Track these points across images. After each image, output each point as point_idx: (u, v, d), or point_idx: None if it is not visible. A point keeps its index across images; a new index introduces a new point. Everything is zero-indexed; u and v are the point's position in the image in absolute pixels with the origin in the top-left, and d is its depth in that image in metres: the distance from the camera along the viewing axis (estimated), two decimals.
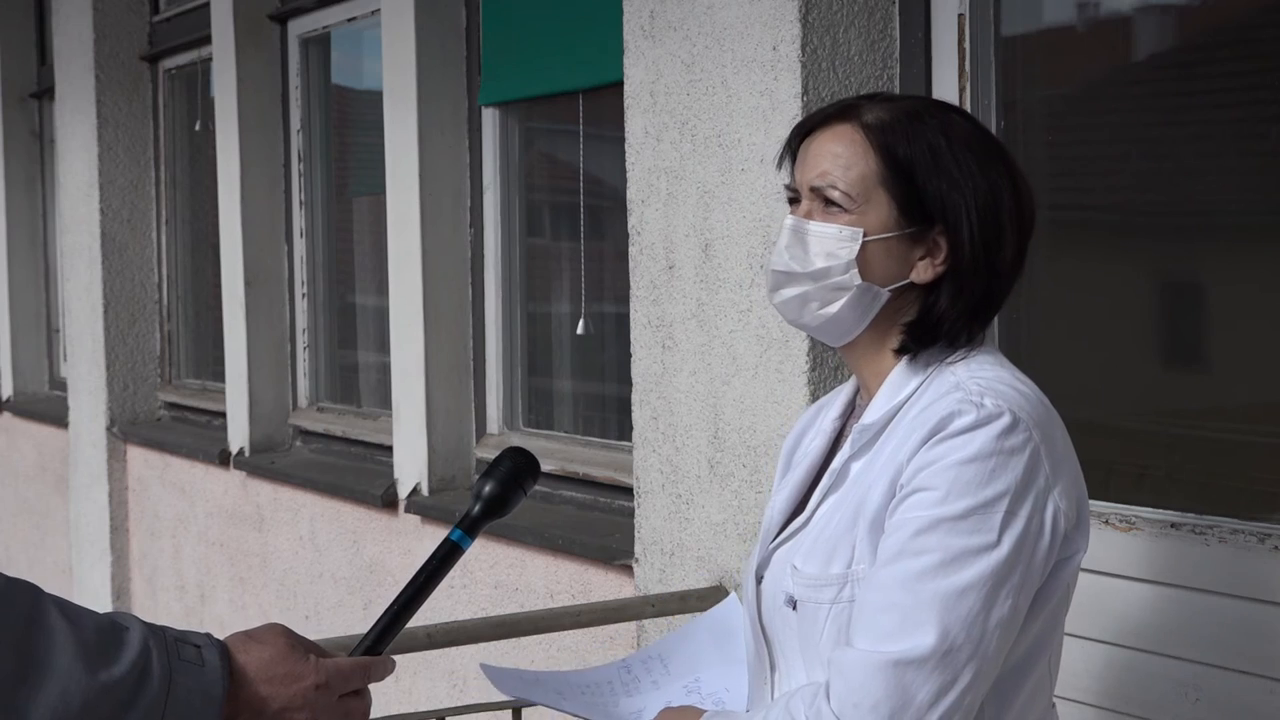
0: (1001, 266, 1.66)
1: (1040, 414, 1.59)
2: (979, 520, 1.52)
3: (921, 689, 1.49)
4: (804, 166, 1.70)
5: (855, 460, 1.67)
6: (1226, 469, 2.46)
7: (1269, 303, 2.38)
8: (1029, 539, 1.53)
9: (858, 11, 2.74)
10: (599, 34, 3.65)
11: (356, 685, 1.52)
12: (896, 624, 1.51)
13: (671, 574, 3.02)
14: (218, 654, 1.42)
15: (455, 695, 4.06)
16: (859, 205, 1.65)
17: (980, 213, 1.64)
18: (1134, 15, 2.63)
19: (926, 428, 1.56)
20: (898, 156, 1.64)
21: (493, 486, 1.63)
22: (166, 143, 6.22)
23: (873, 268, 1.65)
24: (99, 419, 6.20)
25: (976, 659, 1.50)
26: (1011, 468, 1.53)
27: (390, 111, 4.36)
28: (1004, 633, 1.52)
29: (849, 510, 1.63)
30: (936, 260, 1.65)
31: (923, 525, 1.53)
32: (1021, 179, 1.69)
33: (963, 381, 1.60)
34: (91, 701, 1.32)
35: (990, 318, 1.70)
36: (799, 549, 1.69)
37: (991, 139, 1.71)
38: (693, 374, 2.94)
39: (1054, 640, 1.66)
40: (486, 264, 4.31)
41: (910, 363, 1.68)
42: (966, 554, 1.51)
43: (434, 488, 4.28)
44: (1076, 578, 1.65)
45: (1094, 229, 2.71)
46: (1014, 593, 1.52)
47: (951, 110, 1.72)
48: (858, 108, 1.69)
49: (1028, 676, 1.62)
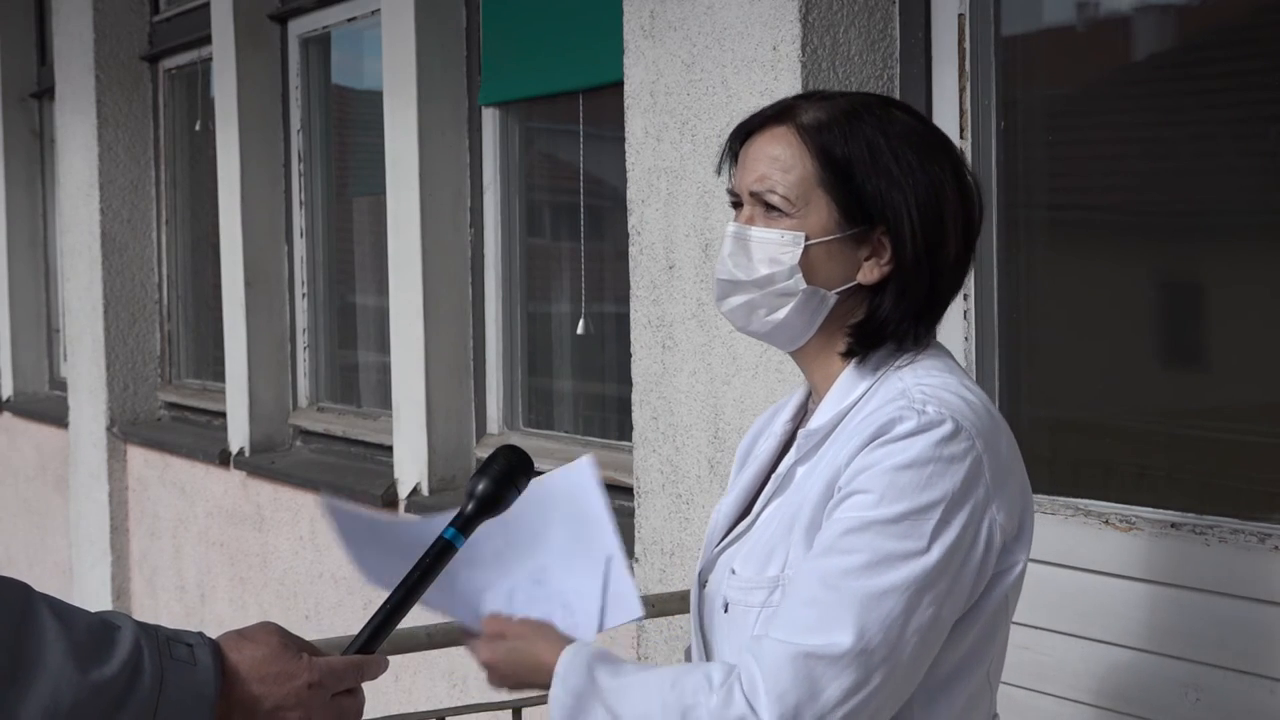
0: (945, 264, 1.64)
1: (985, 423, 1.57)
2: (910, 525, 1.50)
3: (830, 685, 1.48)
4: (743, 171, 1.68)
5: (800, 464, 1.66)
6: (1226, 469, 2.45)
7: (1269, 303, 2.37)
8: (960, 549, 1.52)
9: (858, 11, 2.74)
10: (599, 34, 3.65)
11: (350, 684, 1.51)
12: (815, 619, 1.49)
13: (671, 574, 3.02)
14: (210, 653, 1.42)
15: (455, 695, 4.06)
16: (799, 209, 1.63)
17: (921, 210, 1.61)
18: (1134, 15, 2.63)
19: (868, 432, 1.55)
20: (835, 157, 1.62)
21: (486, 485, 1.62)
22: (166, 143, 6.22)
23: (817, 271, 1.63)
24: (99, 419, 6.20)
25: (890, 663, 1.49)
26: (949, 475, 1.51)
27: (390, 111, 4.36)
28: (923, 640, 1.50)
29: (788, 514, 1.62)
30: (881, 260, 1.63)
31: (854, 525, 1.51)
32: (966, 174, 1.67)
33: (908, 388, 1.58)
34: (83, 701, 1.32)
35: (938, 316, 1.68)
36: (740, 553, 1.68)
37: (935, 134, 1.69)
38: (693, 374, 2.94)
39: (992, 651, 1.63)
40: (486, 264, 4.31)
41: (858, 366, 1.66)
42: (893, 557, 1.49)
43: (434, 488, 4.27)
44: (1019, 591, 1.63)
45: (1094, 229, 2.71)
46: (938, 601, 1.50)
47: (893, 106, 1.70)
48: (795, 108, 1.67)
49: (961, 688, 1.59)
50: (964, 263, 1.67)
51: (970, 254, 1.68)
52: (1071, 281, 2.69)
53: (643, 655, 3.11)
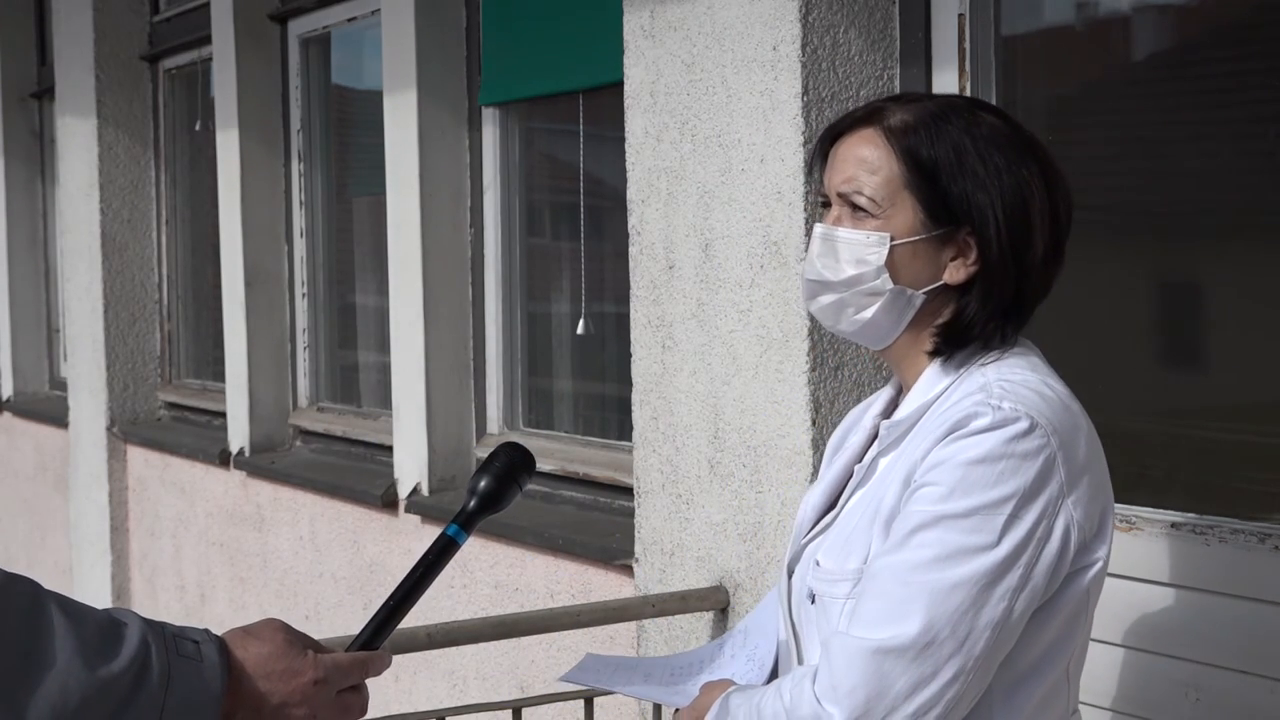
0: (1032, 265, 1.66)
1: (1063, 420, 1.58)
2: (981, 520, 1.52)
3: (899, 679, 1.50)
4: (832, 172, 1.71)
5: (883, 456, 1.69)
6: (1226, 469, 2.46)
7: (1269, 303, 2.38)
8: (1032, 544, 1.53)
9: (858, 11, 2.74)
10: (599, 34, 3.65)
11: (354, 680, 1.52)
12: (884, 612, 1.52)
13: (671, 574, 3.02)
14: (216, 650, 1.42)
15: (455, 695, 4.06)
16: (885, 210, 1.65)
17: (1007, 212, 1.63)
18: (1134, 15, 2.63)
19: (945, 426, 1.57)
20: (921, 159, 1.64)
21: (488, 482, 1.63)
22: (166, 143, 6.22)
23: (904, 271, 1.66)
24: (99, 419, 6.20)
25: (960, 656, 1.50)
26: (1022, 472, 1.53)
27: (390, 111, 4.36)
28: (995, 634, 1.52)
29: (870, 506, 1.64)
30: (968, 261, 1.65)
31: (924, 520, 1.53)
32: (1056, 175, 1.69)
33: (989, 383, 1.60)
34: (90, 697, 1.32)
35: (1025, 317, 1.70)
36: (824, 544, 1.70)
37: (1023, 135, 1.70)
38: (693, 374, 2.94)
39: (1071, 648, 1.64)
40: (486, 264, 4.31)
41: (944, 363, 1.68)
42: (963, 551, 1.51)
43: (434, 488, 4.27)
44: (1100, 587, 1.65)
45: (1094, 229, 2.70)
46: (1009, 595, 1.52)
47: (980, 108, 1.72)
48: (883, 110, 1.69)
49: (1039, 683, 1.61)
50: (1052, 263, 1.69)
51: (1059, 254, 1.70)
52: (1071, 281, 2.69)
53: (642, 655, 3.11)
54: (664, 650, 3.02)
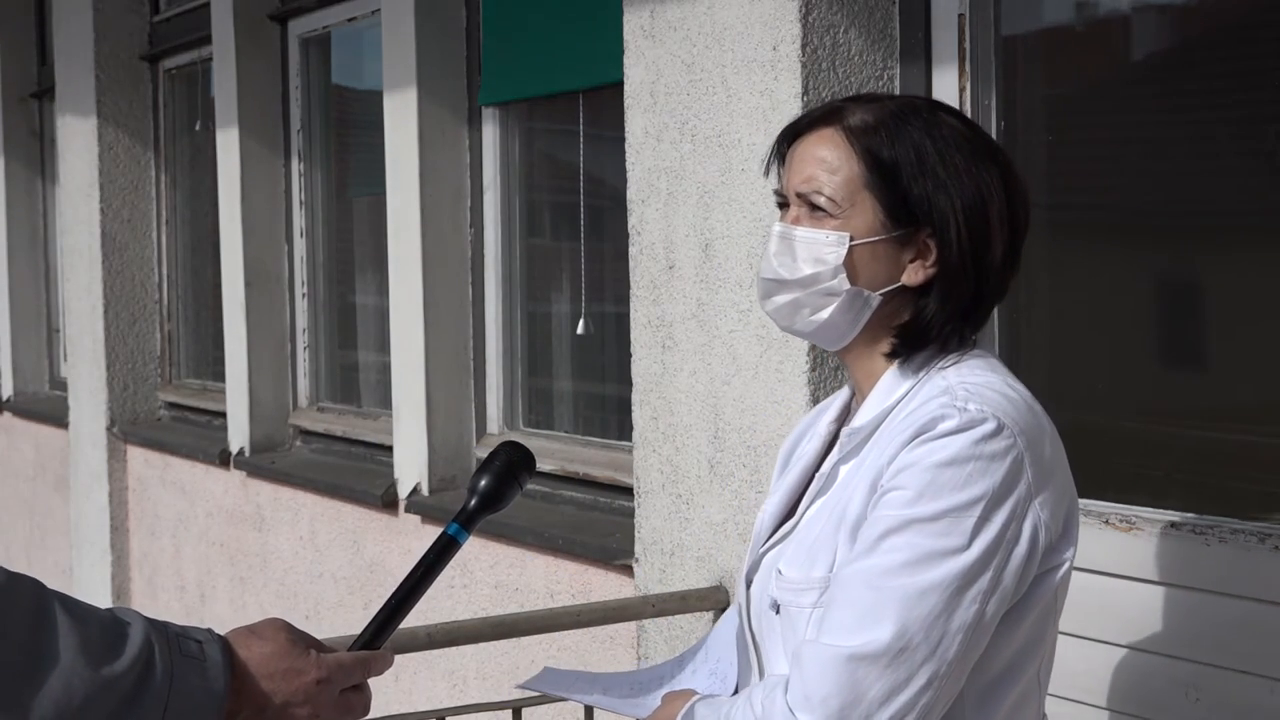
0: (991, 267, 1.65)
1: (1028, 421, 1.57)
2: (950, 523, 1.50)
3: (873, 685, 1.48)
4: (791, 172, 1.70)
5: (844, 463, 1.67)
6: (1226, 469, 2.46)
7: (1269, 303, 2.38)
8: (1002, 546, 1.52)
9: (858, 11, 2.74)
10: (599, 34, 3.65)
11: (357, 680, 1.52)
12: (855, 619, 1.50)
13: (671, 574, 3.02)
14: (219, 649, 1.43)
15: (455, 695, 4.06)
16: (845, 210, 1.64)
17: (967, 213, 1.62)
18: (1134, 15, 2.63)
19: (911, 430, 1.55)
20: (881, 159, 1.63)
21: (488, 481, 1.63)
22: (166, 142, 6.22)
23: (862, 272, 1.64)
24: (99, 419, 6.20)
25: (934, 661, 1.49)
26: (990, 473, 1.52)
27: (390, 111, 4.36)
28: (968, 638, 1.51)
29: (834, 514, 1.62)
30: (926, 262, 1.64)
31: (894, 524, 1.52)
32: (1014, 178, 1.68)
33: (951, 386, 1.58)
34: (94, 697, 1.33)
35: (983, 319, 1.69)
36: (785, 553, 1.68)
37: (983, 138, 1.69)
38: (693, 374, 2.94)
39: (1041, 650, 1.63)
40: (486, 264, 4.31)
41: (902, 366, 1.67)
42: (934, 555, 1.50)
43: (434, 488, 4.28)
44: (1066, 588, 1.64)
45: (1094, 229, 2.71)
46: (981, 599, 1.50)
47: (941, 109, 1.70)
48: (843, 110, 1.68)
49: (1011, 687, 1.60)
50: (1010, 266, 1.68)
51: (1017, 257, 1.69)
52: (1071, 281, 2.69)
53: (642, 655, 3.11)
54: (664, 651, 3.02)
